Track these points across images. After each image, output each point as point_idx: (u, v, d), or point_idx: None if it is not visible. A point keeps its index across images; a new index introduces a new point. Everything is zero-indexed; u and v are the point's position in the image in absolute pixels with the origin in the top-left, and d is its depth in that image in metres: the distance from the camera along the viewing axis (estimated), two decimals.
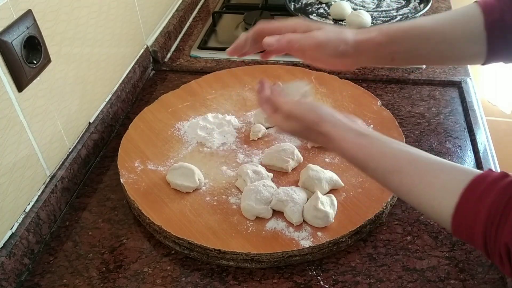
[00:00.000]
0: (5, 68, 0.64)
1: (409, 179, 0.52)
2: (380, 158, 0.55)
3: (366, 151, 0.56)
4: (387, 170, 0.54)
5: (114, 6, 0.92)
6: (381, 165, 0.55)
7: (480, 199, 0.46)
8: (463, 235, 0.48)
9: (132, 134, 0.87)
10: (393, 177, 0.54)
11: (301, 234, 0.68)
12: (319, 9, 1.20)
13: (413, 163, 0.53)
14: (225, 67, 1.07)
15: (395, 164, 0.54)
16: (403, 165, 0.53)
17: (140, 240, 0.73)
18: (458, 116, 0.92)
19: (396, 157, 0.54)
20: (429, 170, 0.51)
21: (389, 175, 0.54)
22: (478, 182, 0.47)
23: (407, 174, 0.52)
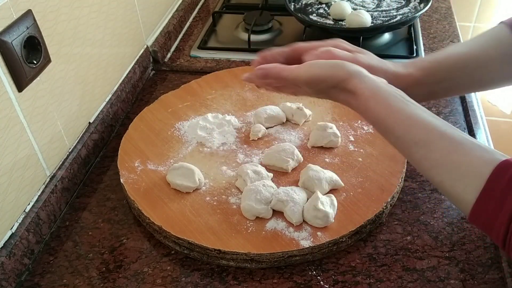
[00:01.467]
0: (5, 68, 0.64)
1: (435, 154, 0.49)
2: (409, 126, 0.51)
3: (395, 116, 0.52)
4: (413, 141, 0.51)
5: (114, 6, 0.92)
6: (408, 135, 0.51)
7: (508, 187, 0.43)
8: (481, 222, 0.46)
9: (132, 134, 0.87)
10: (419, 150, 0.50)
11: (301, 234, 0.68)
12: (319, 9, 1.20)
13: (444, 137, 0.50)
14: (225, 67, 1.07)
15: (423, 136, 0.50)
16: (433, 139, 0.50)
17: (140, 240, 0.73)
18: (458, 116, 0.92)
19: (427, 129, 0.51)
20: (459, 149, 0.48)
21: (414, 146, 0.51)
22: (508, 167, 0.44)
23: (434, 149, 0.49)
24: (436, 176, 0.50)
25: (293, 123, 0.89)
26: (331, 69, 0.56)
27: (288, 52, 0.62)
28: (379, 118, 0.53)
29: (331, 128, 0.82)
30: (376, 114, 0.53)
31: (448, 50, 0.64)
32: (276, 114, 0.88)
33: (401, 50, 1.11)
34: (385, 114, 0.53)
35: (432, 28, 1.19)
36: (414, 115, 0.52)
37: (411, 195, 0.77)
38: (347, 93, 0.56)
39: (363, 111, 0.55)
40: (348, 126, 0.87)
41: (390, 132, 0.53)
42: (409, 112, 0.52)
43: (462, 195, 0.47)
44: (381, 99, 0.53)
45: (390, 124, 0.52)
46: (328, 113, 0.90)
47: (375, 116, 0.54)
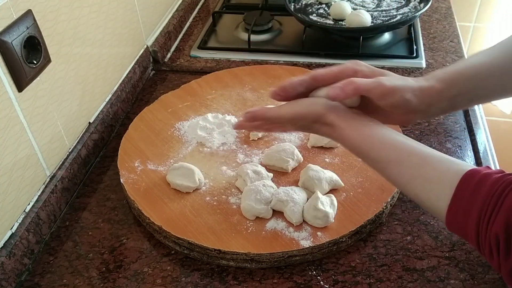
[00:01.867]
0: (5, 68, 0.64)
1: (407, 170, 0.53)
2: (381, 148, 0.55)
3: (368, 140, 0.56)
4: (386, 160, 0.55)
5: (114, 6, 0.92)
6: (381, 156, 0.55)
7: (474, 192, 0.47)
8: (457, 228, 0.49)
9: (132, 134, 0.87)
10: (393, 168, 0.54)
11: (301, 234, 0.68)
12: (319, 9, 1.20)
13: (412, 155, 0.53)
14: (225, 67, 1.07)
15: (394, 155, 0.54)
16: (403, 156, 0.54)
17: (140, 240, 0.73)
18: (458, 116, 0.92)
19: (397, 148, 0.55)
20: (428, 163, 0.52)
21: (388, 165, 0.55)
22: (473, 175, 0.48)
23: (406, 166, 0.53)
24: (412, 191, 0.54)
25: None
26: (310, 107, 0.60)
27: (308, 81, 0.62)
28: (356, 146, 0.58)
29: None
30: (353, 142, 0.58)
31: (470, 61, 0.64)
32: None
33: (401, 50, 1.11)
34: (360, 141, 0.57)
35: (432, 28, 1.19)
36: (384, 139, 0.56)
37: None
38: (326, 126, 0.59)
39: (342, 140, 0.59)
40: None
41: (366, 156, 0.57)
42: (380, 136, 0.56)
43: (436, 205, 0.50)
44: (354, 128, 0.57)
45: (365, 149, 0.57)
46: None
47: (353, 144, 0.58)
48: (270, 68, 1.04)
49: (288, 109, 0.61)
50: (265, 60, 1.10)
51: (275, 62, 1.09)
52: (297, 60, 1.08)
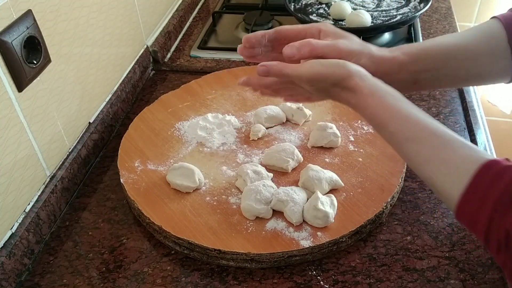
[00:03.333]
0: (5, 68, 0.64)
1: (427, 150, 0.51)
2: (403, 122, 0.53)
3: (390, 111, 0.54)
4: (406, 136, 0.53)
5: (114, 6, 0.92)
6: (401, 131, 0.53)
7: (491, 183, 0.45)
8: (466, 217, 0.47)
9: (132, 134, 0.87)
10: (411, 145, 0.52)
11: (301, 234, 0.68)
12: (319, 9, 1.20)
13: (435, 135, 0.51)
14: (225, 67, 1.07)
15: (416, 132, 0.52)
16: (424, 135, 0.52)
17: (140, 240, 0.73)
18: (458, 116, 0.92)
19: (419, 125, 0.52)
20: (449, 146, 0.50)
21: (407, 142, 0.52)
22: (493, 165, 0.46)
23: (425, 145, 0.51)
24: (426, 172, 0.52)
25: (293, 123, 0.89)
26: (333, 68, 0.57)
27: (272, 34, 0.63)
28: (376, 115, 0.55)
29: (331, 128, 0.82)
30: (373, 110, 0.55)
31: (437, 40, 0.65)
32: (276, 114, 0.88)
33: None
34: (381, 110, 0.54)
35: (432, 28, 1.19)
36: (408, 113, 0.54)
37: (411, 195, 0.77)
38: (347, 91, 0.57)
39: (362, 108, 0.57)
40: (348, 126, 0.87)
41: (384, 128, 0.55)
42: (404, 109, 0.54)
43: (449, 191, 0.49)
44: (378, 96, 0.55)
45: (385, 120, 0.54)
46: (328, 113, 0.90)
47: (372, 113, 0.55)
48: None
49: (308, 67, 0.58)
50: None
51: None
52: None
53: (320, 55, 0.58)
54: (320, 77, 0.58)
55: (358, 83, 0.56)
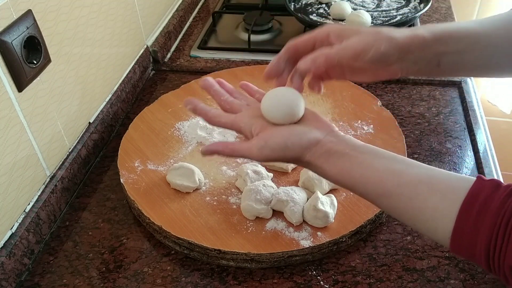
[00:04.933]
0: (5, 68, 0.64)
1: (399, 203, 0.50)
2: (365, 183, 0.52)
3: (350, 176, 0.53)
4: (375, 194, 0.52)
5: (114, 6, 0.92)
6: (369, 190, 0.52)
7: (477, 219, 0.44)
8: (464, 255, 0.46)
9: (132, 134, 0.87)
10: (383, 201, 0.51)
11: (301, 234, 0.68)
12: (319, 9, 1.20)
13: (401, 185, 0.50)
14: (225, 67, 1.07)
15: (382, 189, 0.51)
16: (390, 189, 0.50)
17: (140, 240, 0.73)
18: (458, 116, 0.92)
19: (382, 181, 0.51)
20: (419, 193, 0.49)
21: (379, 199, 0.52)
22: (473, 198, 0.45)
23: (396, 198, 0.50)
24: (408, 222, 0.51)
25: None
26: (283, 152, 0.56)
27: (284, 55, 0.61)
28: (339, 182, 0.54)
29: None
30: (335, 179, 0.54)
31: (460, 23, 0.62)
32: None
33: None
34: (342, 177, 0.54)
35: None
36: (366, 170, 0.52)
37: None
38: (304, 164, 0.56)
39: (324, 176, 0.56)
40: (348, 126, 0.87)
41: (354, 190, 0.54)
42: (361, 168, 0.52)
43: (437, 235, 0.48)
44: (333, 164, 0.54)
45: (350, 185, 0.54)
46: (328, 113, 0.90)
47: (335, 181, 0.55)
48: None
49: (258, 153, 0.56)
50: (265, 60, 1.10)
51: None
52: None
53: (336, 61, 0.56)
54: (273, 159, 0.57)
55: (310, 159, 0.55)
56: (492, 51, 0.60)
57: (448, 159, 0.83)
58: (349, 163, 0.53)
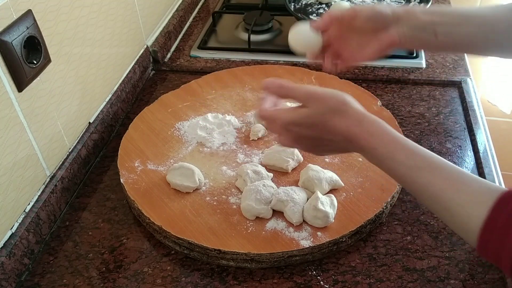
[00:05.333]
0: (5, 68, 0.64)
1: (439, 180, 0.50)
2: (412, 152, 0.52)
3: (396, 142, 0.53)
4: (417, 165, 0.51)
5: (114, 6, 0.92)
6: (411, 159, 0.52)
7: (510, 218, 0.44)
8: (489, 255, 0.46)
9: (132, 134, 0.87)
10: (423, 175, 0.51)
11: (301, 234, 0.68)
12: (319, 9, 1.20)
13: (446, 166, 0.51)
14: (225, 67, 1.07)
15: (427, 162, 0.51)
16: (436, 165, 0.51)
17: (140, 240, 0.73)
18: (458, 116, 0.92)
19: (429, 156, 0.52)
20: (461, 177, 0.49)
21: (418, 171, 0.51)
22: (509, 199, 0.45)
23: (438, 175, 0.50)
24: (439, 203, 0.50)
25: None
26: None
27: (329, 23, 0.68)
28: (379, 145, 0.54)
29: None
30: (376, 140, 0.54)
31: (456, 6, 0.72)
32: None
33: (401, 50, 1.11)
34: (386, 142, 0.54)
35: None
36: (414, 145, 0.53)
37: (411, 195, 0.77)
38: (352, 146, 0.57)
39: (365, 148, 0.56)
40: None
41: (391, 158, 0.53)
42: (409, 142, 0.54)
43: (466, 222, 0.47)
44: (380, 133, 0.54)
45: (392, 149, 0.53)
46: None
47: (376, 143, 0.54)
48: (270, 68, 1.04)
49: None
50: (265, 60, 1.10)
51: (275, 62, 1.09)
52: (297, 60, 1.08)
53: (339, 17, 0.67)
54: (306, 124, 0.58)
55: (357, 133, 0.55)
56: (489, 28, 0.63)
57: (448, 159, 0.82)
58: (395, 134, 0.54)
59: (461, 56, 1.08)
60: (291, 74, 1.01)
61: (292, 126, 0.58)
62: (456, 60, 1.07)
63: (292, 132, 0.59)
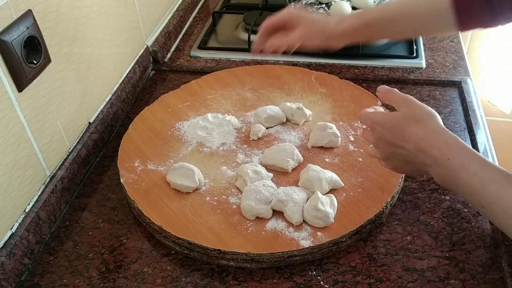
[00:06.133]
0: (5, 68, 0.64)
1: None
2: (485, 164, 0.53)
3: (471, 153, 0.54)
4: (491, 178, 0.52)
5: (114, 6, 0.92)
6: (485, 171, 0.52)
7: None
8: None
9: (132, 134, 0.87)
10: (497, 187, 0.51)
11: (301, 234, 0.68)
12: (319, 9, 1.20)
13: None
14: (225, 67, 1.07)
15: (500, 174, 0.51)
16: (509, 179, 0.51)
17: (140, 240, 0.73)
18: (458, 116, 0.92)
19: (501, 169, 0.52)
20: None
21: (492, 183, 0.51)
22: None
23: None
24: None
25: (293, 123, 0.89)
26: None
27: (263, 36, 0.81)
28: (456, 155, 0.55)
29: (331, 128, 0.82)
30: (448, 154, 0.55)
31: (388, 4, 0.76)
32: (276, 114, 0.88)
33: (401, 50, 1.11)
34: (459, 153, 0.54)
35: None
36: (485, 158, 0.55)
37: (411, 195, 0.77)
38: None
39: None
40: (348, 126, 0.87)
41: (464, 169, 0.53)
42: (481, 155, 0.55)
43: None
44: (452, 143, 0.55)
45: (467, 159, 0.53)
46: (328, 113, 0.90)
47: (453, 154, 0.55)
48: (270, 68, 1.04)
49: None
50: (265, 60, 1.10)
51: (275, 62, 1.09)
52: (297, 60, 1.08)
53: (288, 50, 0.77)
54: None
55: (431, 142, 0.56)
56: (417, 23, 0.74)
57: None
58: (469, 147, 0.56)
59: (461, 56, 1.08)
60: (291, 74, 1.01)
61: (377, 125, 0.61)
62: (456, 60, 1.07)
63: (375, 132, 0.62)
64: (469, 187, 0.53)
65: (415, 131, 0.57)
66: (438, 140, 0.55)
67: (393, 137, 0.59)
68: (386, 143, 0.61)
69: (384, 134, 0.60)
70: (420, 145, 0.56)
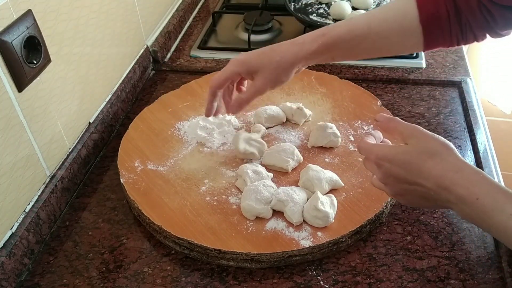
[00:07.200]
0: (5, 68, 0.64)
1: None
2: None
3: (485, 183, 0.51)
4: (501, 209, 0.49)
5: (114, 6, 0.92)
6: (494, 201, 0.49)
7: None
8: None
9: (132, 134, 0.87)
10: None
11: (301, 234, 0.68)
12: (319, 9, 1.20)
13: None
14: None
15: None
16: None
17: (140, 240, 0.73)
18: (458, 116, 0.92)
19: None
20: None
21: (500, 214, 0.49)
22: None
23: None
24: None
25: (293, 123, 0.89)
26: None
27: (212, 99, 0.76)
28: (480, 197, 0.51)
29: (331, 128, 0.82)
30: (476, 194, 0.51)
31: (352, 23, 0.69)
32: (276, 114, 0.88)
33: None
34: (489, 193, 0.51)
35: None
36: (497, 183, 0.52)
37: None
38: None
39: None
40: (348, 126, 0.87)
41: (498, 209, 0.50)
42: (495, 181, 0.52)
43: None
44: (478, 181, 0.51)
45: (499, 201, 0.50)
46: (328, 113, 0.90)
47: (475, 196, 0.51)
48: None
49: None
50: None
51: None
52: None
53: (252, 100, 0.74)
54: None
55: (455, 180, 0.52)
56: (383, 42, 0.68)
57: None
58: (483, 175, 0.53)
59: (461, 56, 1.08)
60: None
61: (384, 161, 0.56)
62: (456, 60, 1.07)
63: (382, 168, 0.56)
64: (506, 229, 0.50)
65: (432, 166, 0.52)
66: (461, 177, 0.51)
67: (406, 174, 0.54)
68: (398, 180, 0.56)
69: (395, 171, 0.55)
70: (442, 183, 0.52)
